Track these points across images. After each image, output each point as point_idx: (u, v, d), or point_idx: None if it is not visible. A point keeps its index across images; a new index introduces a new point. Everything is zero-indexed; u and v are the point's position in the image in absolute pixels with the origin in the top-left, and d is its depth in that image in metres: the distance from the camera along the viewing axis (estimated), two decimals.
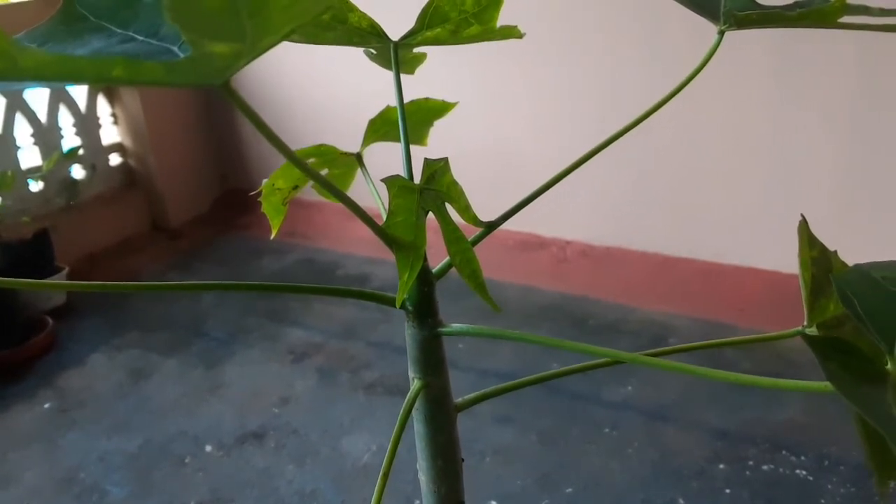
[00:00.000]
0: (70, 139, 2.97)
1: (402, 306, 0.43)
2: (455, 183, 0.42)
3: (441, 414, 0.46)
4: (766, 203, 2.36)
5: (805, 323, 0.46)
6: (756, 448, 1.74)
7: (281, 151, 0.33)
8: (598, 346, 0.39)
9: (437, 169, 0.41)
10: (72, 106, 2.96)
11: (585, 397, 1.95)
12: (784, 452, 1.72)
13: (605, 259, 2.63)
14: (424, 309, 0.44)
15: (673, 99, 0.49)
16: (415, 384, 0.45)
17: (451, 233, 0.41)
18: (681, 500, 1.60)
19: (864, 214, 2.19)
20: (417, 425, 0.47)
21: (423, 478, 0.47)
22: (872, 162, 2.15)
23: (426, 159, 0.41)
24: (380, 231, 0.39)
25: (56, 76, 0.23)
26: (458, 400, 0.47)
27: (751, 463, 1.70)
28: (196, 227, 3.30)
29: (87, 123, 3.02)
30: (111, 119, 3.16)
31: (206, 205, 3.44)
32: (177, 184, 3.25)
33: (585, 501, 1.62)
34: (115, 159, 3.19)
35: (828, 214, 2.17)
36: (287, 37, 0.26)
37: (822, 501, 1.58)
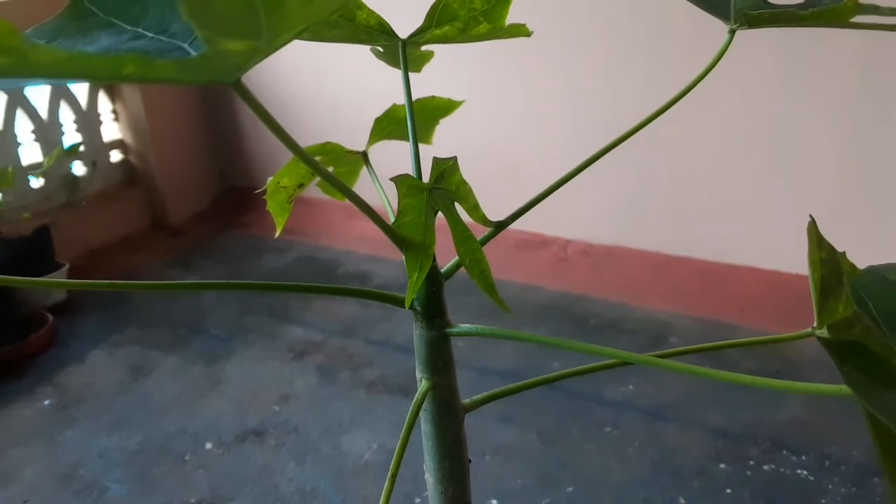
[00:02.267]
0: (71, 136, 2.96)
1: (411, 306, 0.43)
2: (464, 182, 0.41)
3: (449, 415, 0.46)
4: (767, 203, 2.36)
5: (815, 324, 0.45)
6: (757, 447, 1.74)
7: (291, 149, 0.33)
8: (599, 344, 0.39)
9: (446, 168, 0.41)
10: (73, 102, 2.95)
11: (586, 396, 1.95)
12: (785, 452, 1.72)
13: (606, 258, 2.63)
14: (433, 309, 0.44)
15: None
16: (422, 385, 0.44)
17: (460, 233, 0.41)
18: (681, 500, 1.60)
19: (866, 214, 2.19)
20: (425, 426, 0.46)
21: (431, 479, 0.47)
22: (875, 161, 2.15)
23: (435, 158, 0.41)
24: (389, 230, 0.39)
25: (67, 74, 0.22)
26: (466, 400, 0.47)
27: (752, 462, 1.70)
28: (196, 224, 3.29)
29: (88, 120, 3.02)
30: (112, 116, 3.15)
31: (206, 202, 3.43)
32: (177, 181, 3.25)
33: (586, 500, 1.62)
34: (115, 156, 3.19)
35: (830, 214, 2.16)
36: (299, 34, 0.25)
37: (823, 501, 1.58)
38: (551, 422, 1.87)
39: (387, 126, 0.60)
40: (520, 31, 0.49)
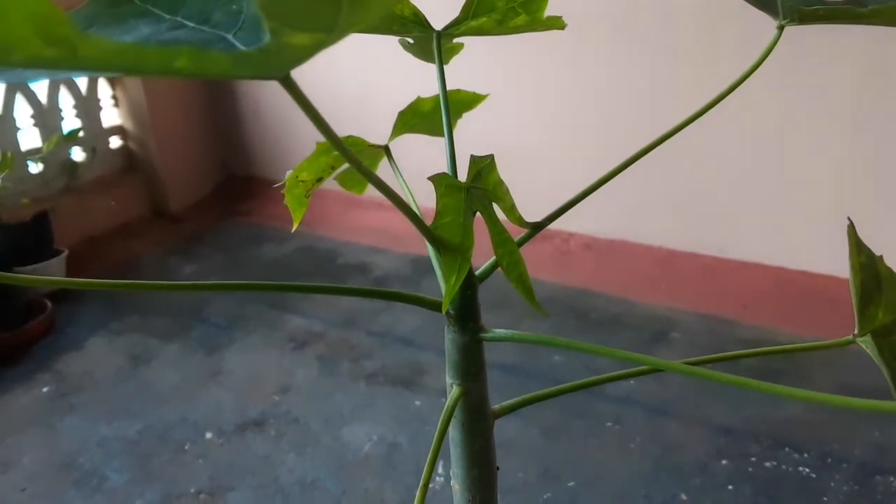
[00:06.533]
0: (70, 121, 2.94)
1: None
2: (501, 182, 0.40)
3: (479, 421, 0.44)
4: (771, 198, 2.34)
5: (856, 331, 0.44)
6: (759, 445, 1.73)
7: (331, 141, 0.32)
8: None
9: (484, 167, 0.39)
10: (72, 88, 2.92)
11: (588, 391, 1.94)
12: (787, 449, 1.72)
13: (609, 252, 2.62)
14: (466, 313, 0.43)
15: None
16: (454, 390, 0.43)
17: (498, 234, 0.39)
18: (683, 496, 1.60)
19: (869, 210, 2.18)
20: (453, 432, 0.45)
21: (458, 486, 0.45)
22: (878, 157, 2.14)
23: (472, 156, 0.39)
24: (427, 231, 0.37)
25: (116, 67, 0.21)
26: (496, 406, 0.45)
27: (753, 459, 1.69)
28: (196, 212, 3.27)
29: (87, 105, 2.99)
30: (112, 101, 3.12)
31: (206, 190, 3.41)
32: (177, 168, 3.22)
33: (587, 495, 1.61)
34: (115, 142, 3.16)
35: (833, 210, 2.15)
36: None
37: (825, 499, 1.58)
38: (553, 416, 1.86)
39: (410, 119, 0.58)
40: (555, 23, 0.48)
